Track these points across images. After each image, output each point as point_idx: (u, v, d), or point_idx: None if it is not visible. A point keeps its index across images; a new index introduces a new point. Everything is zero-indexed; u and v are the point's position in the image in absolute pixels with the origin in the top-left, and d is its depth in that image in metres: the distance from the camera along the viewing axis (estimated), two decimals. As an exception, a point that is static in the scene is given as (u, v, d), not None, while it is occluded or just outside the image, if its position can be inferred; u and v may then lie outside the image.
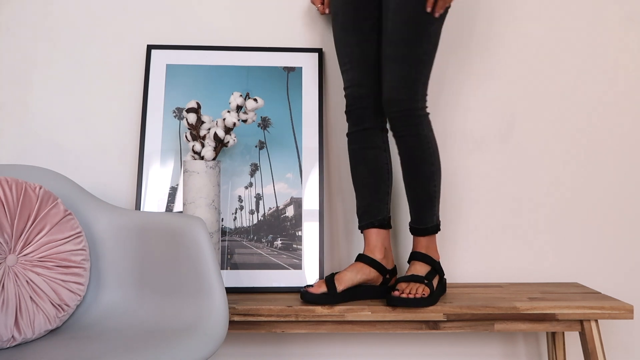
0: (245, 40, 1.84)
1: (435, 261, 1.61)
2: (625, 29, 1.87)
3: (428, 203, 1.60)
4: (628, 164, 1.85)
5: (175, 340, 1.16)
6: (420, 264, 1.59)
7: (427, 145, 1.57)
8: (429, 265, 1.59)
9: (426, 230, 1.61)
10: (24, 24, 1.84)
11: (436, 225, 1.62)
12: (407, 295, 1.48)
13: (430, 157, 1.57)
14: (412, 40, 1.52)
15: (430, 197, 1.59)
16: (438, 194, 1.61)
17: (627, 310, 1.48)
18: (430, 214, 1.60)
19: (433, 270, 1.59)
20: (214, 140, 1.53)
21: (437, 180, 1.59)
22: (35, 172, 1.47)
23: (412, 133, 1.56)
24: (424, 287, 1.51)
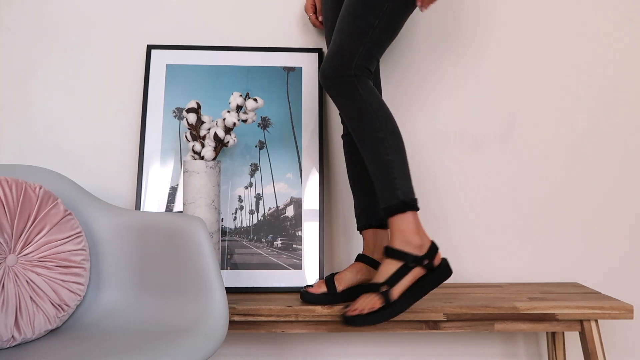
0: (245, 40, 1.84)
1: (407, 254, 1.36)
2: (625, 28, 1.87)
3: (384, 175, 1.38)
4: (628, 164, 1.85)
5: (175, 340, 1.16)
6: (386, 263, 1.38)
7: (367, 109, 1.39)
8: (400, 261, 1.37)
9: (389, 210, 1.37)
10: (24, 24, 1.84)
11: (401, 202, 1.36)
12: (352, 313, 1.35)
13: (374, 121, 1.39)
14: (357, 14, 1.42)
15: (384, 168, 1.38)
16: (397, 163, 1.38)
17: (627, 310, 1.48)
18: (390, 188, 1.37)
19: (404, 267, 1.36)
20: (214, 140, 1.53)
21: (390, 147, 1.38)
22: (35, 172, 1.47)
23: (348, 99, 1.41)
24: (376, 298, 1.35)
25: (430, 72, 1.86)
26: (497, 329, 1.50)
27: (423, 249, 1.38)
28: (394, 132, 1.41)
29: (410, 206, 1.37)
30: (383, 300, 1.35)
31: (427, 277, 1.39)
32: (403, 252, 1.37)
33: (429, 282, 1.39)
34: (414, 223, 1.38)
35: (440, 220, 1.83)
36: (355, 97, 1.40)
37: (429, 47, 1.86)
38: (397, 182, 1.38)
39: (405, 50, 1.86)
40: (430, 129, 1.85)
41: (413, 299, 1.37)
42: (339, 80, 1.41)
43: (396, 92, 1.85)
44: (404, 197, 1.37)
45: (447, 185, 1.84)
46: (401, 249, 1.37)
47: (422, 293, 1.38)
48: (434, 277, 1.40)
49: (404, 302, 1.37)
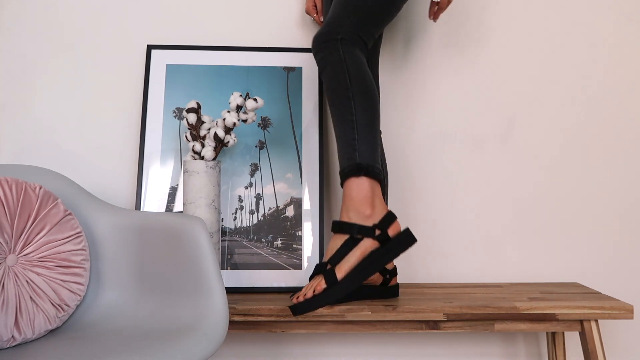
0: (245, 40, 1.84)
1: (352, 225, 1.24)
2: (626, 28, 1.87)
3: (345, 135, 1.31)
4: (628, 163, 1.85)
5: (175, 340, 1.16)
6: (333, 239, 1.27)
7: (342, 69, 1.35)
8: (345, 234, 1.25)
9: (343, 173, 1.29)
10: (24, 24, 1.84)
11: (357, 165, 1.27)
12: (296, 300, 1.29)
13: (345, 80, 1.34)
14: None
15: (346, 128, 1.31)
16: (360, 125, 1.31)
17: (627, 310, 1.48)
18: (349, 149, 1.29)
19: (350, 240, 1.25)
20: (214, 140, 1.53)
21: (356, 107, 1.32)
22: (35, 172, 1.47)
23: (328, 60, 1.38)
24: (320, 279, 1.27)
25: (430, 72, 1.86)
26: (497, 329, 1.50)
27: (373, 219, 1.27)
28: (366, 92, 1.34)
29: (367, 171, 1.26)
30: (327, 281, 1.26)
31: (380, 251, 1.26)
32: (348, 224, 1.25)
33: (383, 255, 1.26)
34: (368, 191, 1.26)
35: (440, 220, 1.84)
36: (334, 57, 1.36)
37: (428, 47, 1.86)
38: (357, 143, 1.28)
39: (405, 50, 1.86)
40: (430, 129, 1.85)
41: (362, 276, 1.25)
42: (325, 44, 1.40)
43: (396, 93, 1.85)
44: (361, 160, 1.27)
45: (447, 185, 1.84)
46: (347, 221, 1.26)
47: (374, 268, 1.25)
48: (389, 249, 1.26)
49: (350, 280, 1.25)
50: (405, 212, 1.82)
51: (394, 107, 1.85)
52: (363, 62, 1.40)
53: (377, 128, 1.33)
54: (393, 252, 1.25)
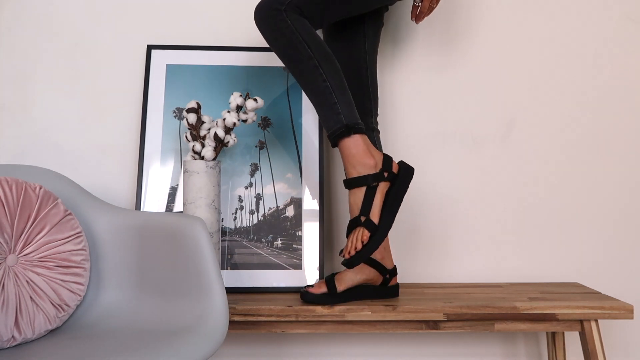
0: (245, 40, 1.84)
1: (365, 177, 1.35)
2: (626, 28, 1.87)
3: (325, 101, 1.37)
4: (628, 163, 1.85)
5: (175, 340, 1.16)
6: (352, 194, 1.36)
7: (297, 39, 1.37)
8: (362, 186, 1.35)
9: (334, 135, 1.36)
10: (24, 24, 1.84)
11: (346, 126, 1.35)
12: (348, 255, 1.35)
13: (305, 49, 1.37)
14: None
15: (324, 94, 1.37)
16: (335, 88, 1.37)
17: (627, 310, 1.48)
18: (333, 113, 1.36)
19: (370, 190, 1.35)
20: (214, 140, 1.53)
21: (325, 72, 1.37)
22: (35, 172, 1.47)
23: (276, 31, 1.38)
24: (362, 231, 1.34)
25: (429, 72, 1.86)
26: (497, 329, 1.50)
27: (378, 165, 1.37)
28: (327, 57, 1.38)
29: (355, 129, 1.36)
30: (369, 229, 1.34)
31: (394, 187, 1.38)
32: (362, 177, 1.36)
33: (398, 191, 1.38)
34: (362, 145, 1.36)
35: (440, 220, 1.84)
36: (283, 27, 1.38)
37: (428, 47, 1.86)
38: (339, 106, 1.36)
39: (405, 51, 1.86)
40: (430, 129, 1.85)
41: (393, 213, 1.36)
42: (267, 12, 1.39)
43: (396, 93, 1.85)
44: (348, 121, 1.36)
45: (447, 185, 1.84)
46: (359, 175, 1.36)
47: (397, 204, 1.37)
48: (400, 183, 1.38)
49: (387, 219, 1.35)
50: (405, 212, 1.82)
51: (394, 108, 1.85)
52: (313, 29, 1.42)
53: (347, 88, 1.40)
54: (404, 185, 1.38)
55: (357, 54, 1.61)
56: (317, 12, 1.45)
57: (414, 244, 1.83)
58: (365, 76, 1.62)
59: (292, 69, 1.43)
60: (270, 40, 1.44)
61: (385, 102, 1.83)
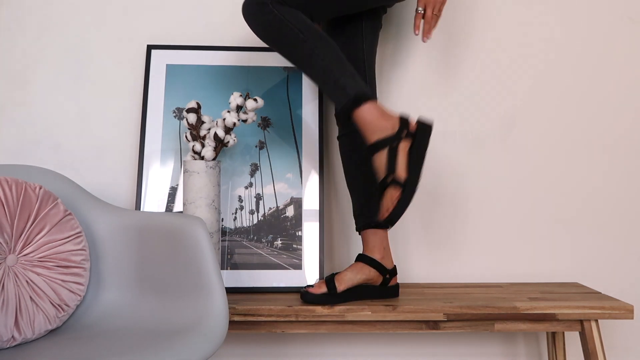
0: (245, 40, 1.84)
1: (385, 139, 1.36)
2: (626, 28, 1.87)
3: (328, 79, 1.39)
4: (628, 163, 1.85)
5: (175, 340, 1.16)
6: (375, 159, 1.38)
7: (286, 26, 1.38)
8: (384, 148, 1.37)
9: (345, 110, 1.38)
10: (24, 24, 1.84)
11: (354, 97, 1.37)
12: (385, 214, 1.36)
13: (297, 35, 1.38)
14: None
15: (325, 72, 1.39)
16: (335, 64, 1.39)
17: (627, 310, 1.48)
18: (338, 88, 1.39)
19: (391, 150, 1.36)
20: (214, 140, 1.53)
21: (321, 52, 1.39)
22: (35, 172, 1.47)
23: (266, 23, 1.40)
24: (392, 190, 1.36)
25: (429, 72, 1.86)
26: (497, 329, 1.50)
27: (395, 127, 1.37)
28: (320, 37, 1.39)
29: (364, 98, 1.36)
30: (399, 186, 1.35)
31: (415, 144, 1.38)
32: (381, 140, 1.36)
33: (420, 147, 1.38)
34: (375, 110, 1.37)
35: (440, 220, 1.84)
36: (271, 19, 1.39)
37: (428, 47, 1.86)
38: (342, 80, 1.37)
39: (405, 51, 1.86)
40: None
41: (418, 169, 1.37)
42: (253, 7, 1.41)
43: (396, 93, 1.85)
44: (354, 92, 1.37)
45: (447, 185, 1.84)
46: (378, 139, 1.37)
47: (421, 160, 1.38)
48: (419, 139, 1.38)
49: (413, 175, 1.36)
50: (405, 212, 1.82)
51: (393, 108, 1.85)
52: (301, 14, 1.42)
53: (347, 61, 1.41)
54: (424, 141, 1.38)
55: (354, 55, 1.61)
56: (305, 7, 1.45)
57: (414, 244, 1.83)
58: (363, 76, 1.62)
59: (289, 57, 1.44)
60: (261, 33, 1.44)
61: (386, 102, 1.83)
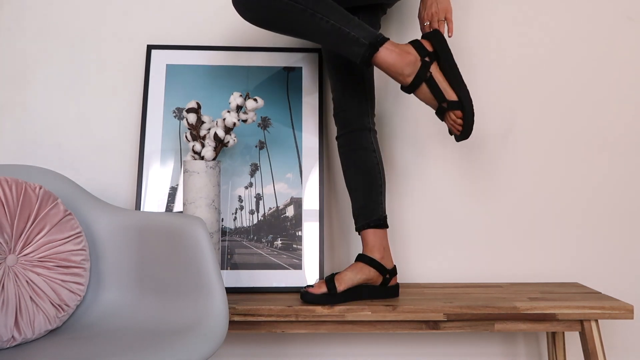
0: (245, 40, 1.84)
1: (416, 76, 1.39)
2: (626, 28, 1.87)
3: (338, 37, 1.38)
4: (629, 163, 1.85)
5: (175, 340, 1.16)
6: (419, 92, 1.42)
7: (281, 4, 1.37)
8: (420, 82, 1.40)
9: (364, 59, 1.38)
10: (24, 24, 1.84)
11: (369, 45, 1.37)
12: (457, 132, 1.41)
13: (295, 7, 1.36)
14: None
15: (334, 32, 1.38)
16: (341, 21, 1.37)
17: (627, 310, 1.48)
18: (352, 41, 1.37)
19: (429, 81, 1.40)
20: (214, 140, 1.53)
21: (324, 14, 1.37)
22: (35, 172, 1.47)
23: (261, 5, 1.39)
24: (451, 113, 1.40)
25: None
26: (497, 329, 1.50)
27: (417, 57, 1.40)
28: (317, 1, 1.38)
29: (379, 42, 1.37)
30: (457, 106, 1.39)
31: (442, 60, 1.42)
32: (415, 78, 1.39)
33: (447, 60, 1.42)
34: (394, 50, 1.38)
35: (441, 220, 1.84)
36: (268, 3, 1.37)
37: (429, 47, 1.86)
38: (353, 33, 1.37)
39: (405, 50, 1.86)
40: (431, 129, 1.85)
41: (460, 80, 1.41)
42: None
43: (395, 93, 1.85)
44: (369, 40, 1.37)
45: (447, 185, 1.84)
46: (412, 78, 1.39)
47: (456, 70, 1.42)
48: (442, 53, 1.42)
49: (460, 89, 1.41)
50: (405, 211, 1.82)
51: (394, 107, 1.85)
52: None
53: (350, 14, 1.40)
54: (447, 52, 1.42)
55: None
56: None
57: (414, 244, 1.83)
58: (361, 77, 1.62)
59: (292, 31, 1.43)
60: (256, 18, 1.42)
61: (386, 102, 1.83)
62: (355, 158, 1.61)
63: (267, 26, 1.44)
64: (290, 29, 1.43)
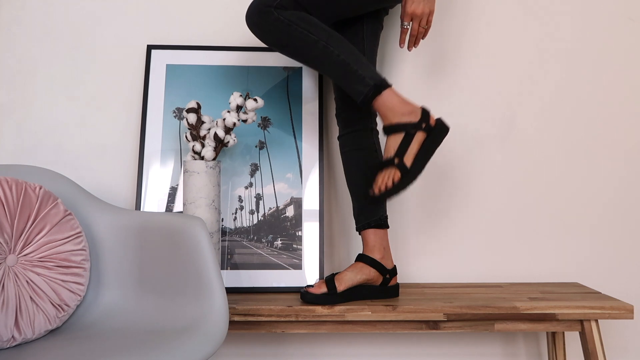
0: (245, 40, 1.84)
1: (405, 124, 1.41)
2: (626, 28, 1.87)
3: (346, 73, 1.42)
4: (628, 163, 1.85)
5: (175, 340, 1.16)
6: (390, 140, 1.43)
7: (295, 29, 1.41)
8: (401, 132, 1.42)
9: (366, 99, 1.41)
10: (24, 24, 1.84)
11: (374, 86, 1.41)
12: (378, 191, 1.42)
13: (307, 36, 1.41)
14: None
15: (343, 67, 1.42)
16: (351, 58, 1.42)
17: (627, 310, 1.48)
18: (357, 80, 1.42)
19: (407, 136, 1.41)
20: (214, 140, 1.53)
21: (336, 48, 1.41)
22: (35, 172, 1.47)
23: (274, 30, 1.42)
24: (394, 171, 1.41)
25: (429, 72, 1.86)
26: (497, 329, 1.50)
27: (417, 115, 1.42)
28: (330, 34, 1.42)
29: (384, 86, 1.42)
30: (401, 171, 1.40)
31: (429, 138, 1.44)
32: (401, 124, 1.42)
33: (433, 142, 1.44)
34: (396, 97, 1.42)
35: (441, 220, 1.84)
36: (279, 25, 1.41)
37: (428, 46, 1.86)
38: (360, 72, 1.41)
39: (405, 51, 1.86)
40: (430, 129, 1.85)
41: (424, 162, 1.43)
42: (259, 16, 1.43)
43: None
44: (374, 81, 1.41)
45: (447, 185, 1.84)
46: (398, 122, 1.42)
47: (429, 154, 1.44)
48: (435, 136, 1.44)
49: (418, 165, 1.42)
50: (405, 212, 1.82)
51: (394, 107, 1.85)
52: (304, 13, 1.45)
53: (359, 53, 1.45)
54: (439, 138, 1.44)
55: None
56: (307, 12, 1.46)
57: (414, 244, 1.83)
58: None
59: (302, 58, 1.46)
60: (270, 41, 1.46)
61: (385, 102, 1.83)
62: (357, 158, 1.61)
63: (278, 49, 1.48)
64: (300, 55, 1.46)
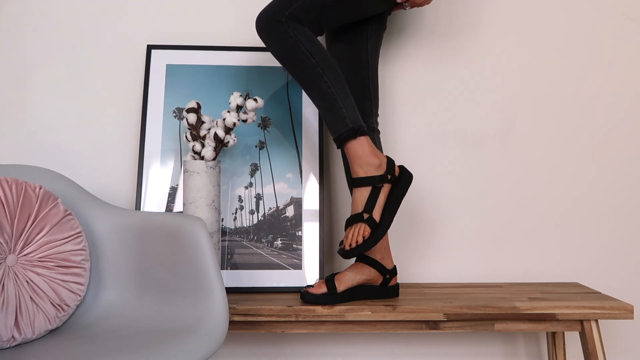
0: (245, 40, 1.84)
1: (372, 177, 1.43)
2: (625, 28, 1.87)
3: (331, 107, 1.43)
4: (628, 163, 1.85)
5: (175, 340, 1.16)
6: (357, 192, 1.45)
7: (299, 49, 1.43)
8: (368, 186, 1.44)
9: (341, 138, 1.44)
10: (23, 24, 1.84)
11: (352, 129, 1.43)
12: (348, 247, 1.42)
13: (309, 59, 1.43)
14: None
15: (330, 100, 1.44)
16: (340, 94, 1.44)
17: (627, 310, 1.48)
18: (339, 117, 1.43)
19: (375, 190, 1.44)
20: (214, 140, 1.53)
21: (330, 80, 1.43)
22: (35, 172, 1.47)
23: (279, 42, 1.44)
24: (363, 226, 1.42)
25: (429, 72, 1.86)
26: (497, 329, 1.50)
27: (383, 167, 1.46)
28: (330, 65, 1.45)
29: (360, 132, 1.44)
30: (371, 226, 1.42)
31: (396, 190, 1.47)
32: (369, 178, 1.44)
33: (400, 193, 1.47)
34: (368, 146, 1.44)
35: (441, 220, 1.84)
36: (286, 39, 1.43)
37: (428, 46, 1.86)
38: (344, 111, 1.44)
39: (405, 50, 1.86)
40: (431, 129, 1.85)
41: (392, 214, 1.46)
42: (268, 23, 1.44)
43: (396, 93, 1.85)
44: (353, 124, 1.43)
45: (448, 185, 1.84)
46: (365, 175, 1.44)
47: (397, 205, 1.46)
48: (401, 186, 1.48)
49: (387, 219, 1.45)
50: (405, 212, 1.82)
51: (393, 108, 1.85)
52: (315, 37, 1.47)
53: (350, 93, 1.48)
54: (405, 188, 1.48)
55: (358, 55, 1.62)
56: (316, 20, 1.48)
57: (414, 244, 1.83)
58: (366, 77, 1.62)
59: (296, 77, 1.48)
60: (273, 50, 1.48)
61: (386, 101, 1.83)
62: None
63: (276, 58, 1.49)
64: (295, 73, 1.48)
